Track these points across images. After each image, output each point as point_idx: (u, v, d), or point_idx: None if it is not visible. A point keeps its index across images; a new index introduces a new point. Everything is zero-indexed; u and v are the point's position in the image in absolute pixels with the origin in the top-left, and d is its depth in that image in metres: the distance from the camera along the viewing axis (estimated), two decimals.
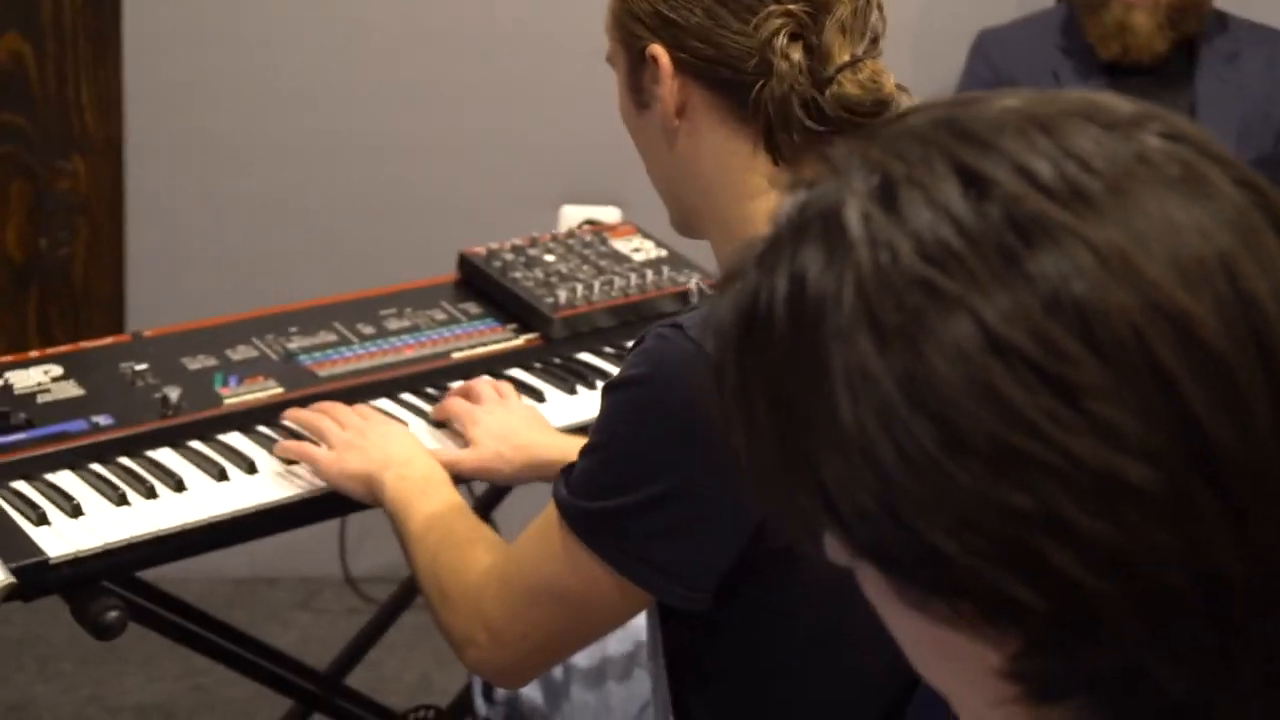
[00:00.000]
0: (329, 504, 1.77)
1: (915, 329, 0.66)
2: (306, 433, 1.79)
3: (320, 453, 1.73)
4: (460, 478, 1.73)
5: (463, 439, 1.79)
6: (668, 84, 1.37)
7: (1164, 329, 0.64)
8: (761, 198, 1.37)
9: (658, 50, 1.37)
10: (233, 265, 2.93)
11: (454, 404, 1.81)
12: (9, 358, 1.86)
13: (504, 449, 1.73)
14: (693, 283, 1.48)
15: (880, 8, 1.37)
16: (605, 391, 1.35)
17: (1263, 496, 0.65)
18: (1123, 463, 0.64)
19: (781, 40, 1.31)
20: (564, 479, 1.38)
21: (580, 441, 1.42)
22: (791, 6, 1.32)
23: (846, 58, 1.33)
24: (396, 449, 1.69)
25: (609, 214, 2.91)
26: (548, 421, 1.84)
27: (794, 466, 0.72)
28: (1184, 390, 0.64)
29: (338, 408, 1.80)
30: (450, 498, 1.61)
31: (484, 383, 1.85)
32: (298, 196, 2.95)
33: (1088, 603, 0.65)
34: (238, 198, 2.92)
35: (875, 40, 1.36)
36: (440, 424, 1.90)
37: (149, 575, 1.86)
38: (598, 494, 1.33)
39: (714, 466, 1.26)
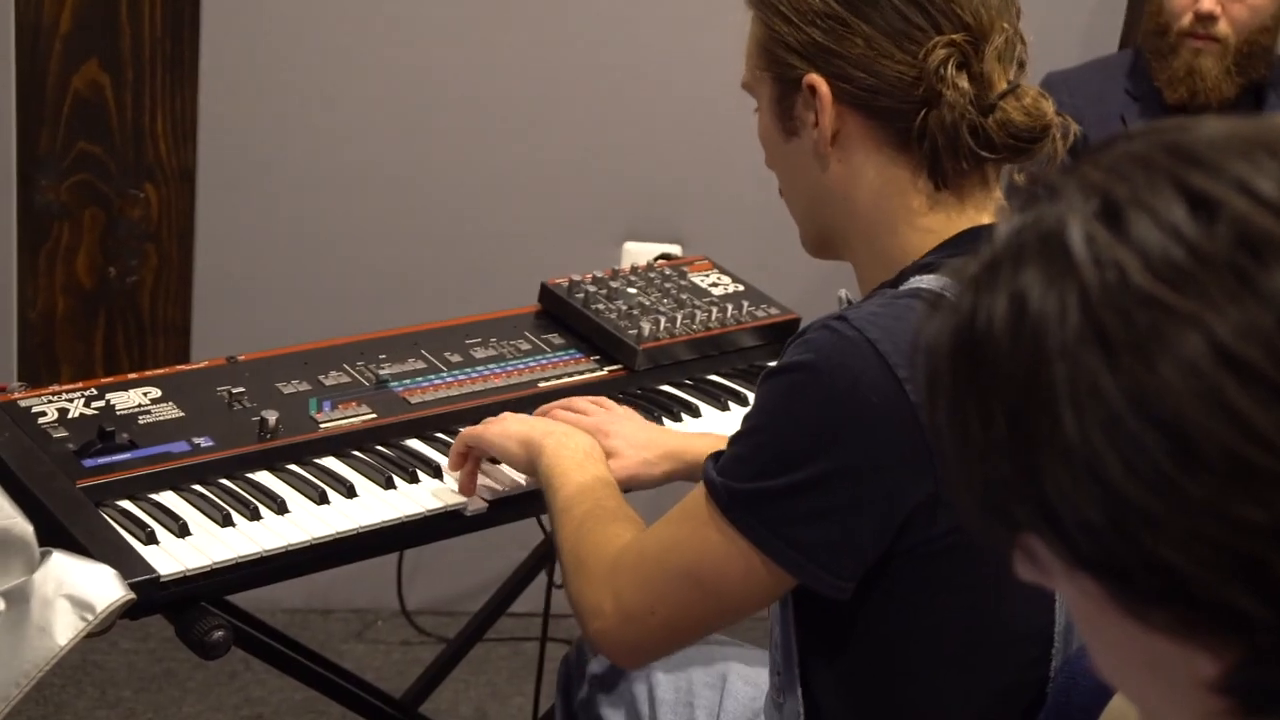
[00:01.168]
0: (433, 526, 1.78)
1: (1146, 344, 0.68)
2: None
3: (481, 425, 1.77)
4: None
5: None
6: (827, 112, 1.39)
7: None
8: (923, 220, 1.39)
9: (816, 80, 1.39)
10: (299, 296, 2.95)
11: (566, 417, 1.81)
12: (109, 379, 1.88)
13: (648, 455, 1.74)
14: (842, 292, 1.50)
15: (1024, 38, 1.39)
16: (764, 378, 1.36)
17: None
18: None
19: (950, 69, 1.34)
20: (713, 462, 1.38)
21: (715, 438, 1.42)
22: (954, 37, 1.34)
23: (1004, 85, 1.36)
24: (559, 424, 1.72)
25: (671, 250, 2.93)
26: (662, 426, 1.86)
27: (1012, 479, 0.73)
28: None
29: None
30: (604, 474, 1.62)
31: (581, 399, 1.87)
32: (364, 229, 2.96)
33: None
34: (306, 229, 2.94)
35: (1023, 66, 1.39)
36: None
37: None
38: (749, 476, 1.34)
39: (870, 455, 1.28)
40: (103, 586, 1.49)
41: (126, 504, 1.70)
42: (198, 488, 1.75)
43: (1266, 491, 0.66)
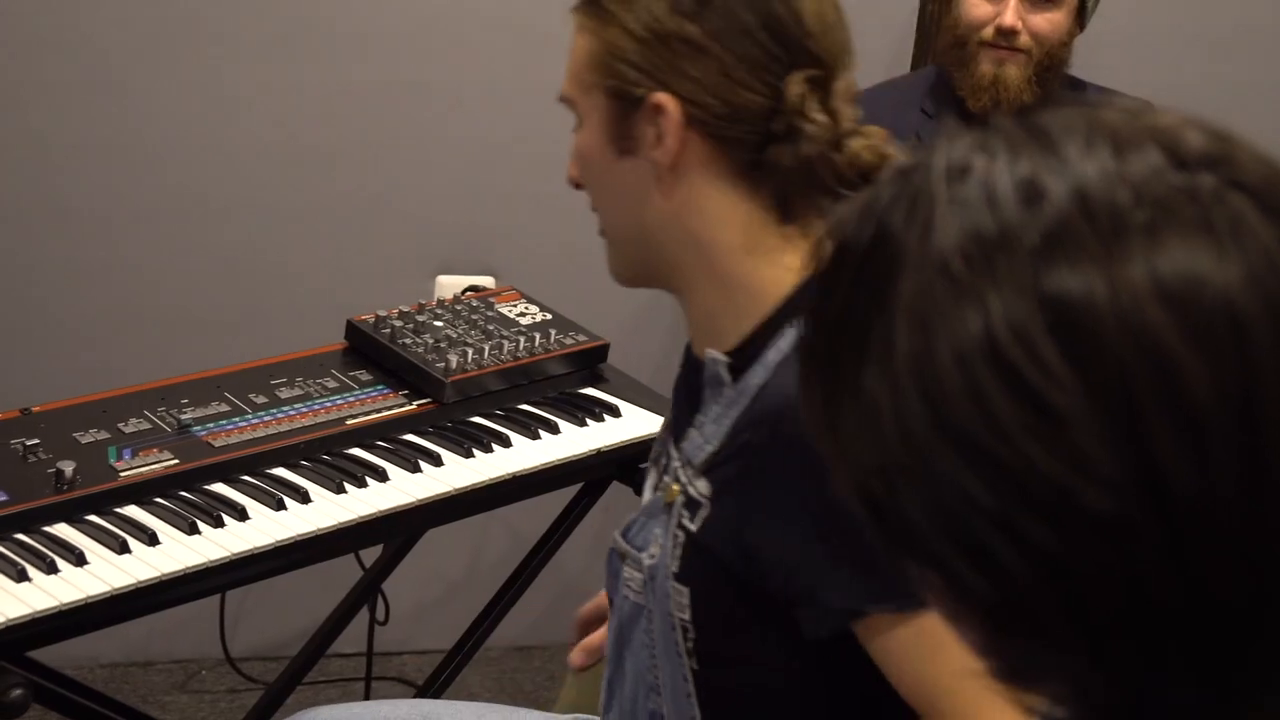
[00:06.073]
0: (238, 569, 1.76)
1: (935, 319, 0.69)
2: None
3: None
4: None
5: None
6: (675, 134, 1.34)
7: (1153, 373, 0.66)
8: (772, 254, 1.36)
9: (666, 99, 1.33)
10: (98, 343, 2.88)
11: None
12: None
13: None
14: (710, 353, 1.40)
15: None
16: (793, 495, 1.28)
17: (1213, 545, 0.67)
18: (1083, 486, 0.67)
19: (811, 103, 1.31)
20: (857, 599, 1.28)
21: None
22: (810, 72, 1.32)
23: (851, 122, 1.34)
24: None
25: (484, 283, 2.93)
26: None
27: (827, 398, 0.75)
28: (1156, 434, 0.66)
29: None
30: None
31: None
32: (162, 269, 2.91)
33: (1028, 603, 0.69)
34: (102, 272, 2.87)
35: (856, 103, 1.38)
36: (340, 489, 1.90)
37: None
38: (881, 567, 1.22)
39: None
40: None
41: None
42: None
43: (997, 479, 0.68)
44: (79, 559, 1.69)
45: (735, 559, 1.33)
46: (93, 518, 1.78)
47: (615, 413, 2.20)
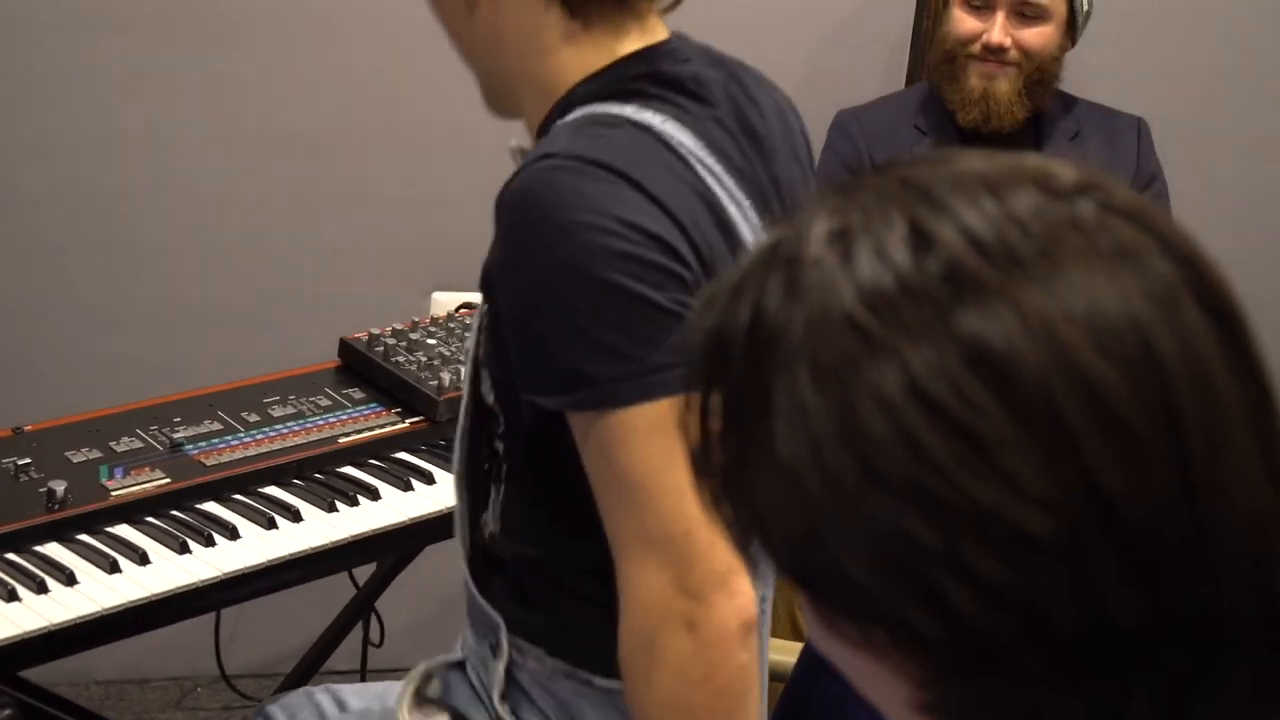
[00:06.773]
0: (230, 589, 1.76)
1: (848, 371, 0.70)
2: None
3: None
4: None
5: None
6: None
7: (1074, 390, 0.68)
8: (557, 53, 1.42)
9: None
10: (91, 363, 2.88)
11: None
12: None
13: None
14: (513, 142, 1.52)
15: None
16: (500, 268, 1.37)
17: (1161, 552, 0.69)
18: (1023, 511, 0.67)
19: None
20: (560, 392, 1.32)
21: None
22: None
23: None
24: None
25: (478, 300, 2.93)
26: None
27: (733, 482, 0.75)
28: (1086, 448, 0.68)
29: None
30: None
31: None
32: (156, 286, 2.91)
33: (984, 639, 0.69)
34: (94, 292, 2.88)
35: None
36: (332, 508, 1.90)
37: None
38: (602, 358, 1.29)
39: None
40: None
41: None
42: None
43: (940, 519, 0.68)
44: (69, 579, 1.69)
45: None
46: (84, 537, 1.78)
47: None
